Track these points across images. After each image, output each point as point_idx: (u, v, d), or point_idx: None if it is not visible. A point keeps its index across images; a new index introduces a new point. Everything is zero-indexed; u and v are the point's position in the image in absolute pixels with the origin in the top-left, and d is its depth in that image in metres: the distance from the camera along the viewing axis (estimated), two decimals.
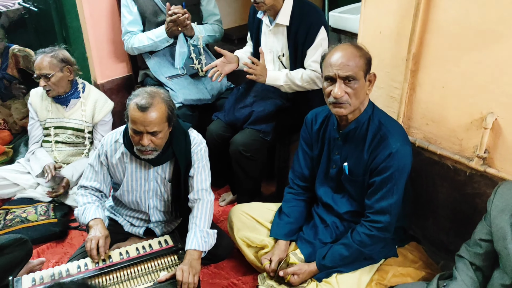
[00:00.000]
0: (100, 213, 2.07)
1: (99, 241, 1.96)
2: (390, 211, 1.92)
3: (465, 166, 2.00)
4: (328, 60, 1.84)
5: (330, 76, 1.82)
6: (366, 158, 1.94)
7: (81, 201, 2.12)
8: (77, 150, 2.87)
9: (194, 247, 1.95)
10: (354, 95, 1.83)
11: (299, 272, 2.00)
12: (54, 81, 2.63)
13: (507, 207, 1.58)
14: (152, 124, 1.88)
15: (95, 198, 2.14)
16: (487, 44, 1.78)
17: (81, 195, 2.14)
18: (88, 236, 2.00)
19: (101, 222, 2.03)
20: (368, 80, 1.87)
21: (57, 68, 2.62)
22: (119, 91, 3.32)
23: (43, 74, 2.60)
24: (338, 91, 1.81)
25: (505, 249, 1.56)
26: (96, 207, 2.08)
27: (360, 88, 1.83)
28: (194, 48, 2.96)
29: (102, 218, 2.05)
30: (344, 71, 1.79)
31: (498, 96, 1.80)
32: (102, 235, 1.98)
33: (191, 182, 2.11)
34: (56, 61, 2.62)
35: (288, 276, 2.00)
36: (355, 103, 1.86)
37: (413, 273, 2.02)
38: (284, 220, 2.17)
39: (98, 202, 2.14)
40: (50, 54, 2.62)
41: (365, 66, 1.83)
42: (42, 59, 2.61)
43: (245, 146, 2.49)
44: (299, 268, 2.01)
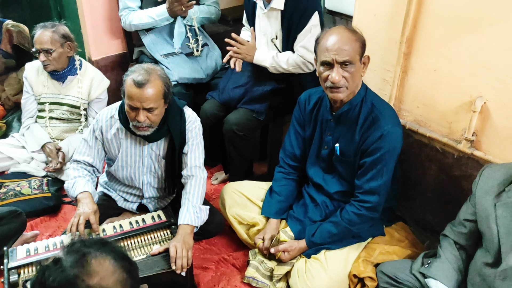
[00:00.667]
0: (89, 187, 2.07)
1: (90, 217, 1.95)
2: (379, 191, 1.96)
3: (453, 149, 2.05)
4: (324, 45, 1.84)
5: (327, 61, 1.83)
6: (357, 139, 1.97)
7: (72, 175, 2.12)
8: (71, 126, 2.87)
9: (187, 222, 1.98)
10: (351, 79, 1.85)
11: (289, 249, 2.05)
12: (55, 57, 2.62)
13: (492, 188, 1.63)
14: (149, 101, 1.89)
15: (86, 172, 2.14)
16: (479, 29, 1.81)
17: (73, 168, 2.14)
18: (77, 210, 1.98)
19: (89, 195, 2.03)
20: (363, 62, 1.90)
21: (58, 43, 2.61)
22: (113, 68, 3.31)
23: (44, 49, 2.59)
24: (336, 76, 1.82)
25: (488, 228, 1.62)
26: (86, 181, 2.08)
27: (357, 72, 1.86)
28: (190, 28, 2.96)
29: (91, 192, 2.05)
30: (342, 56, 1.81)
31: (488, 80, 1.84)
32: (92, 211, 1.97)
33: (185, 159, 2.13)
34: (58, 37, 2.60)
35: (279, 253, 2.06)
36: (352, 87, 1.88)
37: (399, 251, 2.08)
38: (275, 199, 2.21)
39: (89, 176, 2.13)
40: (52, 29, 2.60)
41: (361, 49, 1.85)
42: (43, 34, 2.58)
43: (239, 125, 2.51)
44: (290, 245, 2.06)
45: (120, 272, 1.09)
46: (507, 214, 1.57)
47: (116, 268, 1.09)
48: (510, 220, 1.56)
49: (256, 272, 2.15)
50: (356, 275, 1.99)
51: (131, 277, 1.11)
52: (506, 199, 1.58)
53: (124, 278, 1.09)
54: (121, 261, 1.11)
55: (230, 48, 2.46)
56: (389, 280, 1.86)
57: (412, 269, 1.84)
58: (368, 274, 1.96)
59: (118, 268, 1.09)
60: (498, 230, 1.58)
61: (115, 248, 1.14)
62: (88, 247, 1.10)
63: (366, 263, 2.01)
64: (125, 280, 1.09)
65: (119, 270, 1.09)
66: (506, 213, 1.57)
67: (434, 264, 1.76)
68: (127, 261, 1.14)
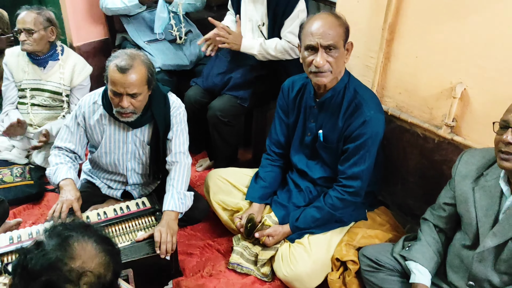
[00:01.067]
0: (71, 173, 2.05)
1: (73, 205, 1.94)
2: (362, 176, 1.99)
3: (434, 134, 2.09)
4: (309, 29, 1.85)
5: (312, 45, 1.84)
6: (340, 125, 1.99)
7: (54, 161, 2.10)
8: (54, 113, 2.83)
9: (171, 208, 1.99)
10: (335, 63, 1.86)
11: (273, 234, 2.08)
12: (36, 38, 2.57)
13: (470, 173, 1.67)
14: (132, 86, 1.88)
15: (68, 159, 2.12)
16: (459, 16, 1.83)
17: (54, 155, 2.12)
18: (59, 197, 1.97)
19: (72, 182, 2.01)
20: (346, 48, 1.91)
21: (41, 26, 2.57)
22: (96, 55, 3.27)
23: (26, 28, 2.54)
24: (320, 60, 1.83)
25: (467, 212, 1.66)
26: (68, 168, 2.07)
27: (340, 57, 1.87)
28: (174, 15, 2.93)
29: (73, 179, 2.04)
30: (326, 40, 1.81)
31: (468, 67, 1.87)
32: (75, 198, 1.96)
33: (169, 145, 2.13)
34: (42, 19, 2.57)
35: (264, 237, 2.08)
36: (336, 72, 1.90)
37: (380, 235, 2.12)
38: (260, 184, 2.23)
39: (71, 163, 2.12)
40: (37, 11, 2.58)
41: (344, 35, 1.86)
42: (28, 14, 2.56)
43: (223, 111, 2.51)
44: (274, 230, 2.09)
45: (102, 255, 1.09)
46: (485, 198, 1.61)
47: (98, 251, 1.08)
48: (487, 203, 1.60)
49: (240, 258, 2.17)
50: (338, 259, 2.03)
51: (113, 260, 1.11)
52: (483, 183, 1.62)
53: (106, 261, 1.09)
54: (103, 244, 1.11)
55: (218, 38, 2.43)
56: (370, 263, 1.90)
57: (393, 252, 1.88)
58: (350, 257, 2.00)
59: (100, 252, 1.09)
60: (476, 213, 1.62)
61: (97, 232, 1.14)
62: (70, 230, 1.10)
63: (349, 247, 2.05)
64: (107, 263, 1.09)
65: (102, 253, 1.09)
66: (484, 197, 1.61)
67: (415, 247, 1.80)
68: (109, 245, 1.13)
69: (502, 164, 1.48)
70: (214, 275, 2.16)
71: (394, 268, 1.85)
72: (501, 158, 1.48)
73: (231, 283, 2.11)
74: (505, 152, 1.46)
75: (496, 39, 1.76)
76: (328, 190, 2.07)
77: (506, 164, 1.47)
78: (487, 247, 1.59)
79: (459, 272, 1.71)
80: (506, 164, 1.47)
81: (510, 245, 1.54)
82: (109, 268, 1.09)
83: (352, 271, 2.00)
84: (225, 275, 2.16)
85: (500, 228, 1.56)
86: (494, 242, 1.57)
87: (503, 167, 1.49)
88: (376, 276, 1.88)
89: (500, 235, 1.56)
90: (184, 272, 2.17)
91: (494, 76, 1.81)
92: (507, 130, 1.46)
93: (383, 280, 1.86)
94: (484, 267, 1.62)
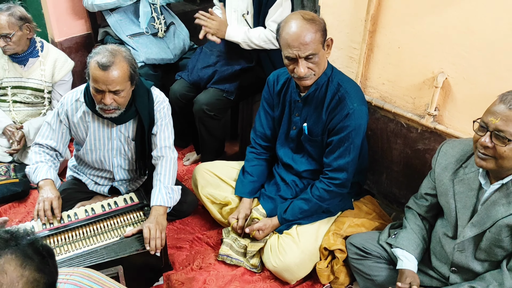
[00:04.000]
0: (51, 173, 2.05)
1: (53, 202, 1.95)
2: (347, 168, 2.02)
3: (417, 124, 2.13)
4: (285, 40, 1.84)
5: (291, 57, 1.85)
6: (324, 118, 2.01)
7: (34, 159, 2.09)
8: (36, 110, 2.80)
9: (160, 203, 1.99)
10: (317, 67, 1.88)
11: (263, 227, 2.10)
12: (15, 40, 2.52)
13: (449, 165, 1.71)
14: (114, 83, 1.86)
15: (49, 157, 2.11)
16: (440, 6, 1.86)
17: (35, 152, 2.11)
18: (39, 197, 1.97)
19: (51, 183, 2.02)
20: (326, 45, 1.91)
21: (16, 27, 2.50)
22: (78, 50, 3.23)
23: (3, 34, 2.48)
24: (302, 69, 1.85)
25: (447, 203, 1.70)
26: (49, 167, 2.06)
27: (321, 59, 1.89)
28: (155, 7, 2.91)
29: (53, 179, 2.04)
30: (304, 51, 1.82)
31: (449, 56, 1.90)
32: (55, 196, 1.97)
33: (154, 140, 2.12)
34: (15, 19, 2.49)
35: (254, 231, 2.10)
36: (319, 73, 1.92)
37: (367, 223, 2.15)
38: (248, 179, 2.24)
39: (51, 162, 2.11)
40: (7, 12, 2.49)
41: (322, 37, 1.86)
42: None
43: (209, 105, 2.51)
44: (264, 223, 2.11)
45: (29, 273, 0.96)
46: (464, 190, 1.65)
47: (25, 270, 0.96)
48: (466, 196, 1.64)
49: (229, 249, 2.19)
50: (326, 248, 2.06)
51: (45, 272, 0.99)
52: (463, 176, 1.66)
53: (35, 279, 0.97)
54: (29, 260, 0.97)
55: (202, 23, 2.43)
56: (358, 251, 1.94)
57: (379, 240, 1.92)
58: (338, 246, 2.03)
59: (27, 270, 0.96)
60: (455, 205, 1.66)
61: (22, 244, 0.99)
62: None
63: (336, 236, 2.08)
64: (35, 279, 0.97)
65: (29, 271, 0.96)
66: (463, 189, 1.65)
67: (400, 235, 1.84)
68: (38, 257, 0.99)
69: (480, 163, 1.52)
70: (204, 267, 2.18)
71: (381, 255, 1.89)
72: (479, 157, 1.51)
73: (221, 275, 2.13)
74: (483, 153, 1.49)
75: (476, 29, 1.79)
76: (315, 182, 2.10)
77: (483, 163, 1.51)
78: (466, 237, 1.63)
79: (442, 258, 1.76)
80: (483, 163, 1.51)
81: (487, 235, 1.58)
82: (38, 284, 0.97)
83: (340, 259, 2.03)
84: (215, 267, 2.18)
85: (478, 219, 1.60)
86: (473, 232, 1.61)
87: (480, 166, 1.53)
88: (363, 264, 1.92)
89: (479, 226, 1.60)
90: (174, 266, 2.19)
91: (474, 65, 1.84)
92: (486, 132, 1.47)
93: (370, 267, 1.90)
94: (465, 256, 1.67)
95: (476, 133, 1.51)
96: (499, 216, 1.55)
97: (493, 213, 1.56)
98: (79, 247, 1.90)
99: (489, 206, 1.57)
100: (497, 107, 1.45)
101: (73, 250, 1.88)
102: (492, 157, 1.48)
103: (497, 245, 1.58)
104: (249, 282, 2.12)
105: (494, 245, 1.59)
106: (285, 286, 2.12)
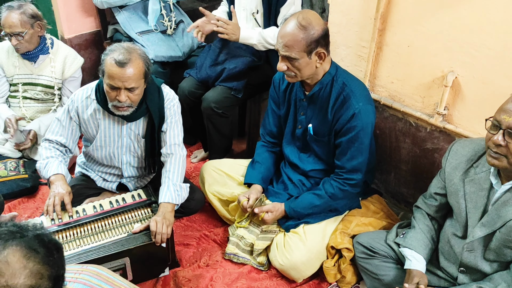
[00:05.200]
0: (62, 168, 2.06)
1: (64, 198, 1.96)
2: (361, 168, 2.02)
3: (426, 123, 2.11)
4: (278, 33, 1.89)
5: (275, 49, 1.91)
6: (330, 118, 2.00)
7: (44, 154, 2.10)
8: (46, 106, 2.82)
9: (168, 200, 2.00)
10: (297, 69, 1.90)
11: (272, 209, 2.09)
12: (27, 39, 2.54)
13: (460, 164, 1.69)
14: (130, 80, 1.87)
15: (59, 153, 2.13)
16: (450, 5, 1.84)
17: (45, 148, 2.12)
18: (50, 191, 1.99)
19: (62, 178, 2.03)
20: (318, 56, 1.89)
21: (28, 25, 2.51)
22: (87, 47, 3.24)
23: (16, 32, 2.50)
24: (280, 65, 1.90)
25: (457, 203, 1.69)
26: (59, 162, 2.07)
27: (303, 65, 1.88)
28: (164, 5, 2.92)
29: (64, 174, 2.05)
30: (283, 51, 1.87)
31: (459, 55, 1.89)
32: (66, 192, 1.98)
33: (163, 137, 2.13)
34: (27, 18, 2.50)
35: (263, 213, 2.08)
36: (301, 75, 1.92)
37: (374, 222, 2.15)
38: (257, 168, 2.24)
39: (61, 157, 2.12)
40: (19, 10, 2.50)
41: (308, 47, 1.84)
42: (11, 16, 2.48)
43: (217, 103, 2.52)
44: (273, 206, 2.10)
45: (33, 265, 0.98)
46: (475, 190, 1.63)
47: (28, 262, 0.98)
48: (477, 195, 1.63)
49: (236, 248, 2.19)
50: (333, 247, 2.06)
51: (50, 265, 1.01)
52: (473, 176, 1.64)
53: (38, 271, 0.99)
54: (34, 252, 0.99)
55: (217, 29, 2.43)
56: (365, 250, 1.93)
57: (387, 239, 1.91)
58: (345, 245, 2.03)
59: (31, 262, 0.98)
60: (466, 204, 1.65)
61: (28, 237, 1.01)
62: None
63: (343, 235, 2.08)
64: (39, 271, 0.99)
65: (33, 263, 0.98)
66: (474, 189, 1.64)
67: (409, 235, 1.83)
68: (43, 250, 1.01)
69: (492, 161, 1.50)
70: (211, 265, 2.18)
71: (388, 255, 1.89)
72: (491, 156, 1.50)
73: (228, 273, 2.14)
74: (495, 152, 1.48)
75: (486, 27, 1.77)
76: (328, 179, 2.08)
77: (496, 162, 1.49)
78: (476, 237, 1.62)
79: (450, 258, 1.75)
80: (495, 162, 1.49)
81: (497, 235, 1.57)
82: (42, 277, 0.99)
83: (347, 258, 2.03)
84: (222, 264, 2.18)
85: (488, 219, 1.59)
86: (483, 232, 1.60)
87: (493, 165, 1.51)
88: (370, 263, 1.92)
89: (489, 226, 1.59)
90: (181, 263, 2.20)
91: (484, 64, 1.83)
92: (498, 130, 1.46)
93: (377, 266, 1.90)
94: (474, 256, 1.66)
95: (488, 131, 1.50)
96: (509, 217, 1.53)
97: (503, 213, 1.55)
98: (87, 243, 1.91)
99: (499, 206, 1.56)
100: (510, 105, 1.44)
101: (81, 246, 1.90)
102: (505, 155, 1.46)
103: (506, 246, 1.57)
104: (255, 279, 2.12)
105: (504, 245, 1.58)
106: (291, 284, 2.12)
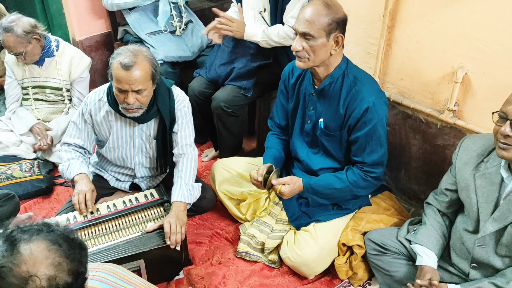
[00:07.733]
0: (84, 168, 2.12)
1: (86, 194, 2.02)
2: (382, 161, 1.99)
3: (436, 119, 2.11)
4: (300, 12, 1.86)
5: (294, 28, 1.86)
6: (342, 112, 1.97)
7: (65, 157, 2.15)
8: (57, 107, 2.86)
9: (180, 199, 2.03)
10: (311, 51, 1.84)
11: (290, 182, 2.04)
12: (29, 52, 2.58)
13: (471, 160, 1.69)
14: (137, 83, 1.90)
15: (79, 154, 2.18)
16: (460, 1, 1.84)
17: (65, 151, 2.17)
18: (74, 190, 2.05)
19: (86, 176, 2.09)
20: (335, 40, 1.85)
21: (25, 43, 2.53)
22: (98, 48, 3.28)
23: (17, 53, 2.55)
24: (296, 44, 1.84)
25: (468, 198, 1.69)
26: (81, 163, 2.13)
27: (319, 47, 1.83)
28: (174, 6, 2.94)
29: (87, 173, 2.11)
30: (302, 27, 1.81)
31: (469, 51, 1.88)
32: (89, 189, 2.04)
33: (175, 138, 2.16)
34: (21, 37, 2.51)
35: (280, 185, 2.02)
36: (314, 60, 1.86)
37: (385, 219, 2.15)
38: (268, 152, 2.22)
39: (82, 158, 2.17)
40: (11, 33, 2.48)
41: (328, 26, 1.80)
42: (7, 40, 2.50)
43: (227, 102, 2.53)
44: (291, 178, 2.06)
45: (55, 257, 1.04)
46: (486, 185, 1.63)
47: (50, 253, 1.03)
48: (488, 190, 1.63)
49: (247, 246, 2.21)
50: (345, 244, 2.06)
51: (71, 260, 1.06)
52: (484, 170, 1.64)
53: (59, 263, 1.04)
54: (57, 245, 1.05)
55: (220, 26, 2.44)
56: (376, 247, 1.94)
57: (398, 236, 1.91)
58: (356, 242, 2.04)
59: (52, 253, 1.04)
60: (477, 199, 1.65)
61: (54, 232, 1.07)
62: (23, 233, 1.05)
63: (354, 232, 2.08)
64: (60, 264, 1.04)
65: (54, 255, 1.04)
66: (485, 184, 1.64)
67: (420, 231, 1.83)
68: (66, 245, 1.07)
69: (501, 153, 1.50)
70: (223, 262, 2.21)
71: (400, 251, 1.89)
72: (500, 148, 1.50)
73: (240, 270, 2.16)
74: (503, 143, 1.48)
75: (496, 23, 1.77)
76: (351, 167, 2.04)
77: (504, 153, 1.49)
78: (487, 232, 1.62)
79: (462, 254, 1.75)
80: (504, 153, 1.49)
81: (509, 229, 1.57)
82: (62, 269, 1.04)
83: (358, 255, 2.04)
84: (234, 262, 2.21)
85: (500, 214, 1.59)
86: (494, 227, 1.60)
87: (502, 156, 1.51)
88: (382, 260, 1.92)
89: (500, 220, 1.59)
90: (194, 261, 2.22)
91: (494, 60, 1.82)
92: (505, 121, 1.46)
93: (389, 263, 1.90)
94: (485, 251, 1.66)
95: (496, 124, 1.50)
96: None
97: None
98: (101, 242, 1.95)
99: (511, 200, 1.56)
100: None
101: (96, 245, 1.93)
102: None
103: None
104: (267, 277, 2.14)
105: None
106: (303, 281, 2.13)
